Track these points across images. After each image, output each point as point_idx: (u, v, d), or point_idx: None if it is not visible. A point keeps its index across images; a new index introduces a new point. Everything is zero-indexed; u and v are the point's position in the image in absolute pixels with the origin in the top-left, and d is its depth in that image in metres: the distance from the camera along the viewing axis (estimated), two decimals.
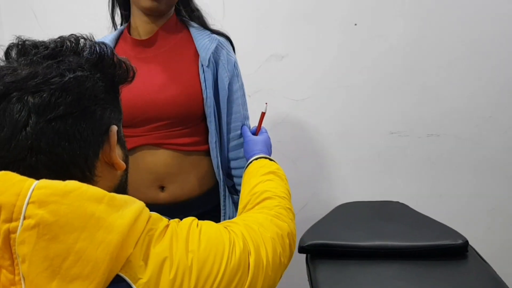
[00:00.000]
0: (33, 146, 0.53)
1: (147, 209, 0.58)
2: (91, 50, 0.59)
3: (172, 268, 0.53)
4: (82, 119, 0.56)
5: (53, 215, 0.47)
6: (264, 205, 0.83)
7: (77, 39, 0.60)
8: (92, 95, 0.57)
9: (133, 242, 0.52)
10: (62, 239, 0.46)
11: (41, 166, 0.53)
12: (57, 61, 0.56)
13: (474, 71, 1.75)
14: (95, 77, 0.58)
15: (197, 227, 0.61)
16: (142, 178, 1.15)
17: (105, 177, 0.61)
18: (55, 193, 0.48)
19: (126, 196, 0.55)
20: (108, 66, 0.61)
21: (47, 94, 0.53)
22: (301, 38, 1.77)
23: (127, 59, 0.65)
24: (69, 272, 0.46)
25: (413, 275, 1.10)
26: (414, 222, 1.33)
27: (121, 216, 0.51)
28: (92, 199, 0.50)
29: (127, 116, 1.10)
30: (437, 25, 1.73)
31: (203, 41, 1.14)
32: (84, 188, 0.50)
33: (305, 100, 1.82)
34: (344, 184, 1.88)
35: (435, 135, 1.82)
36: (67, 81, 0.54)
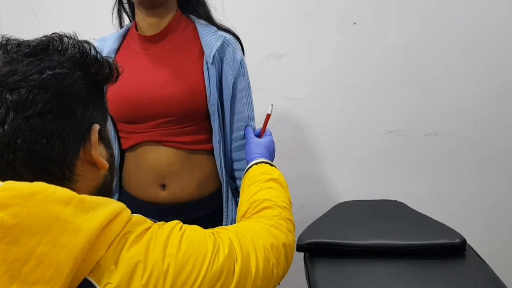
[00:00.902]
0: (10, 143, 0.52)
1: (128, 211, 0.56)
2: (74, 49, 0.59)
3: (145, 272, 0.51)
4: (61, 116, 0.55)
5: (14, 218, 0.45)
6: (263, 214, 0.80)
7: (60, 38, 0.59)
8: (72, 92, 0.57)
9: (105, 245, 0.50)
10: (23, 242, 0.45)
11: (19, 163, 0.53)
12: (38, 59, 0.56)
13: (473, 70, 1.75)
14: (75, 75, 0.58)
15: (179, 231, 0.59)
16: (144, 175, 1.14)
17: (87, 176, 0.59)
18: (18, 195, 0.47)
19: (101, 197, 0.53)
20: (91, 64, 0.60)
21: (25, 91, 0.53)
22: (300, 37, 1.77)
23: (112, 58, 0.65)
24: (30, 276, 0.45)
25: (411, 274, 1.11)
26: (412, 221, 1.33)
27: (90, 219, 0.49)
28: (58, 202, 0.48)
29: (130, 112, 1.11)
30: (436, 24, 1.73)
31: (208, 38, 1.12)
32: (51, 190, 0.49)
33: (304, 99, 1.82)
34: (343, 183, 1.88)
35: (434, 134, 1.82)
36: (46, 78, 0.54)
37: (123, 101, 1.10)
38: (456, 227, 1.26)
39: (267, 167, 1.00)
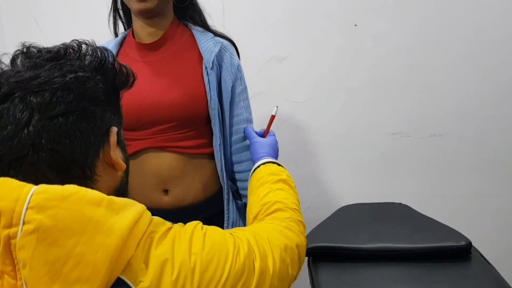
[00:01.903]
0: (34, 143, 0.54)
1: (148, 212, 0.58)
2: (93, 55, 0.62)
3: (174, 270, 0.53)
4: (83, 118, 0.57)
5: (52, 220, 0.47)
6: (275, 216, 0.81)
7: (79, 45, 0.62)
8: (92, 95, 0.59)
9: (134, 245, 0.52)
10: (61, 243, 0.47)
11: (43, 163, 0.55)
12: (60, 64, 0.58)
13: (476, 71, 1.74)
14: (96, 78, 0.60)
15: (201, 230, 0.62)
16: (146, 181, 1.15)
17: (106, 177, 0.61)
18: (53, 198, 0.48)
19: (126, 199, 0.56)
20: (109, 70, 0.63)
21: (49, 93, 0.55)
22: (301, 39, 1.77)
23: (127, 65, 0.67)
24: (70, 276, 0.47)
25: (416, 278, 1.09)
26: (417, 223, 1.32)
27: (120, 219, 0.51)
28: (91, 203, 0.50)
29: (132, 119, 1.12)
30: (438, 25, 1.72)
31: (206, 44, 1.14)
32: (83, 192, 0.51)
33: (306, 101, 1.81)
34: (346, 186, 1.87)
35: (438, 136, 1.80)
36: (69, 81, 0.56)
37: (125, 109, 1.08)
38: (461, 229, 1.25)
39: (275, 168, 1.00)
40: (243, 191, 1.22)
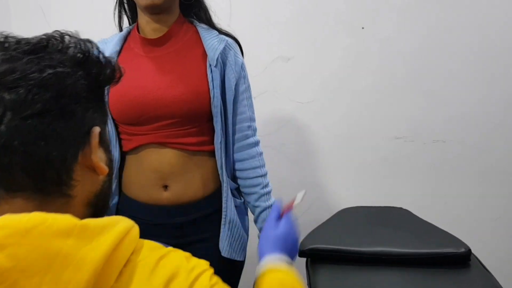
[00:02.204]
0: (6, 145, 0.49)
1: (137, 229, 0.53)
2: (76, 47, 0.56)
3: None
4: (61, 117, 0.52)
5: (11, 260, 0.42)
6: None
7: (61, 36, 0.56)
8: (73, 93, 0.54)
9: (115, 273, 0.47)
10: (22, 285, 0.42)
11: (15, 167, 0.49)
12: (38, 57, 0.52)
13: (482, 77, 1.74)
14: (77, 74, 0.54)
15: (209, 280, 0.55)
16: (146, 176, 1.15)
17: (85, 182, 0.56)
18: (14, 233, 0.43)
19: (108, 219, 0.51)
20: (93, 64, 0.57)
21: (24, 90, 0.49)
22: (308, 40, 1.77)
23: (114, 59, 0.62)
24: None
25: (414, 283, 1.09)
26: (417, 229, 1.31)
27: (95, 248, 0.46)
28: (58, 234, 0.45)
29: (134, 114, 1.12)
30: (444, 30, 1.72)
31: (211, 41, 1.14)
32: (49, 222, 0.45)
33: (310, 102, 1.81)
34: (347, 188, 1.86)
35: (441, 141, 1.80)
36: (46, 77, 0.51)
37: (127, 103, 1.11)
38: (461, 236, 1.24)
39: (283, 277, 0.77)
40: (243, 189, 1.22)
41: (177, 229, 1.17)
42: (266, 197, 1.21)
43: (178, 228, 1.17)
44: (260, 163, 1.21)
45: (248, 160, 1.20)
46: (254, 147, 1.21)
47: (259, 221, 1.22)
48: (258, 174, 1.20)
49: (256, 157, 1.21)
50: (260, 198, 1.20)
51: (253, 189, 1.20)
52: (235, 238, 1.19)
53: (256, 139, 1.22)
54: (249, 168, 1.20)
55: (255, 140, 1.22)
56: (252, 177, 1.20)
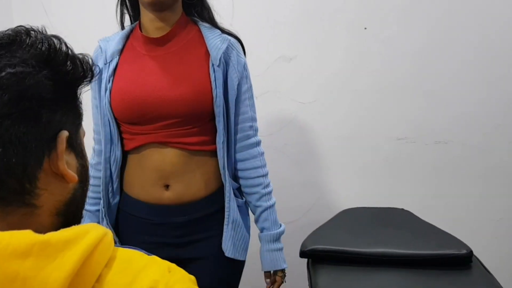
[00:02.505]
0: None
1: (110, 237, 0.49)
2: (42, 44, 0.51)
3: None
4: (22, 122, 0.47)
5: None
6: None
7: (27, 31, 0.51)
8: (35, 94, 0.48)
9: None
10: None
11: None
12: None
13: (484, 78, 1.73)
14: (40, 74, 0.49)
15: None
16: (148, 176, 1.15)
17: (52, 190, 0.51)
18: None
19: (75, 230, 0.46)
20: (61, 63, 0.52)
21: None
22: (310, 40, 1.76)
23: (88, 55, 0.56)
24: None
25: (414, 284, 1.09)
26: (418, 230, 1.31)
27: (58, 266, 0.41)
28: (15, 255, 0.40)
29: (137, 113, 1.12)
30: (446, 31, 1.71)
31: (214, 41, 1.14)
32: (4, 243, 0.41)
33: (312, 103, 1.81)
34: (349, 189, 1.86)
35: (443, 142, 1.80)
36: (4, 77, 0.46)
37: (130, 102, 1.11)
38: (463, 237, 1.24)
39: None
40: (244, 188, 1.22)
41: (179, 229, 1.17)
42: (267, 197, 1.21)
43: (179, 227, 1.17)
44: (261, 163, 1.21)
45: (250, 160, 1.20)
46: (256, 147, 1.21)
47: (260, 220, 1.22)
48: (260, 174, 1.20)
49: (258, 157, 1.21)
50: (262, 198, 1.20)
51: (255, 188, 1.20)
52: (239, 238, 1.19)
53: (258, 139, 1.22)
54: (250, 168, 1.20)
55: (257, 140, 1.22)
56: (253, 177, 1.20)
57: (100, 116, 1.16)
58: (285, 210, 1.77)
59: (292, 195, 1.87)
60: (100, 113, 1.16)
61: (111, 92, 1.13)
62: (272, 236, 1.21)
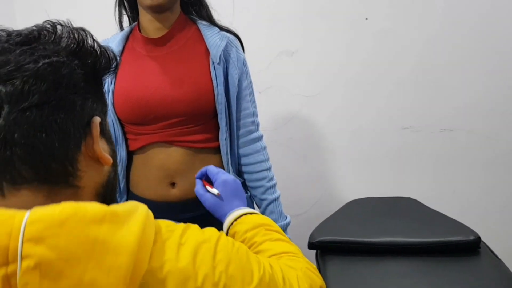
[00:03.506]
0: (6, 138, 0.48)
1: (150, 212, 0.54)
2: (69, 37, 0.55)
3: (196, 283, 0.50)
4: (60, 108, 0.51)
5: (54, 251, 0.42)
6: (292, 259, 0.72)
7: (53, 26, 0.55)
8: (70, 83, 0.52)
9: (146, 258, 0.48)
10: (68, 273, 0.43)
11: (17, 160, 0.49)
12: (31, 48, 0.51)
13: (489, 66, 1.73)
14: (72, 63, 0.53)
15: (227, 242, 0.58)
16: (154, 175, 1.16)
17: (91, 173, 0.55)
18: (50, 225, 0.44)
19: (128, 203, 0.52)
20: (88, 54, 0.56)
21: (19, 81, 0.49)
22: (311, 34, 1.77)
23: (109, 47, 0.60)
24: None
25: (423, 272, 1.09)
26: (426, 218, 1.32)
27: (127, 233, 0.47)
28: (93, 221, 0.45)
29: (140, 114, 1.13)
30: (450, 20, 1.71)
31: (213, 39, 1.15)
32: (82, 212, 0.45)
33: (315, 96, 1.81)
34: (355, 180, 1.87)
35: (448, 130, 1.79)
36: (41, 67, 0.50)
37: (133, 103, 1.12)
38: (471, 224, 1.24)
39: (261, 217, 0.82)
40: (249, 183, 1.23)
41: None
42: (272, 190, 1.22)
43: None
44: (264, 157, 1.22)
45: (253, 155, 1.21)
46: (258, 142, 1.22)
47: (266, 213, 1.23)
48: (264, 168, 1.21)
49: (261, 151, 1.22)
50: (267, 191, 1.21)
51: (259, 182, 1.21)
52: None
53: (260, 134, 1.23)
54: (254, 162, 1.21)
55: (259, 134, 1.23)
56: (257, 171, 1.21)
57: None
58: (293, 203, 1.78)
59: (299, 188, 1.88)
60: None
61: (114, 94, 1.14)
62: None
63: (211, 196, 0.86)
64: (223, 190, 0.86)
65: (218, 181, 0.87)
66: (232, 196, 0.86)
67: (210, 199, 0.86)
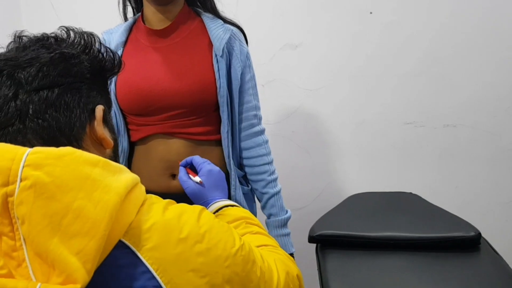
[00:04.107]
0: (21, 113, 0.56)
1: (142, 186, 0.58)
2: (80, 40, 0.65)
3: (181, 234, 0.54)
4: (69, 91, 0.60)
5: (49, 176, 0.48)
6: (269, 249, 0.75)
7: (67, 30, 0.65)
8: (78, 72, 0.62)
9: (134, 210, 0.53)
10: (59, 197, 0.47)
11: (29, 131, 0.57)
12: (48, 44, 0.62)
13: (493, 62, 1.72)
14: (81, 56, 0.63)
15: (209, 213, 0.62)
16: (155, 166, 1.16)
17: (94, 152, 0.61)
18: (49, 157, 0.49)
19: (122, 165, 0.57)
20: (95, 53, 0.66)
21: (35, 68, 0.58)
22: (315, 27, 1.76)
23: (116, 52, 0.69)
24: (69, 229, 0.47)
25: (423, 267, 1.10)
26: (427, 213, 1.32)
27: (117, 180, 0.52)
28: (87, 163, 0.51)
29: (142, 105, 1.13)
30: (455, 13, 1.70)
31: (217, 31, 1.15)
32: (78, 153, 0.51)
33: (319, 89, 1.81)
34: (358, 175, 1.87)
35: (452, 126, 1.79)
36: (54, 56, 0.60)
37: (135, 94, 1.12)
38: (472, 220, 1.25)
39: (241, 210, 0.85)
40: (250, 176, 1.24)
41: None
42: (274, 183, 1.22)
43: None
44: (266, 151, 1.22)
45: (255, 148, 1.21)
46: (260, 135, 1.22)
47: (267, 207, 1.23)
48: (265, 161, 1.21)
49: (263, 145, 1.22)
50: (268, 184, 1.21)
51: (261, 176, 1.21)
52: None
53: (262, 127, 1.23)
54: (256, 156, 1.21)
55: (261, 128, 1.23)
56: (259, 165, 1.21)
57: None
58: (294, 197, 1.79)
59: (301, 182, 1.88)
60: None
61: (116, 85, 1.14)
62: (279, 221, 1.22)
63: (193, 183, 0.90)
64: (207, 179, 0.90)
65: (204, 170, 0.91)
66: (215, 186, 0.90)
67: (192, 186, 0.90)
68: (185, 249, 0.53)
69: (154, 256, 0.51)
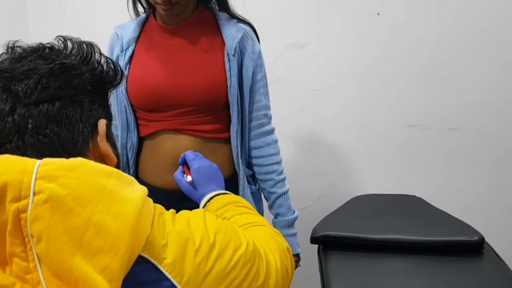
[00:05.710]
0: (20, 129, 0.52)
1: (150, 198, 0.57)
2: (78, 51, 0.61)
3: (195, 244, 0.52)
4: (70, 104, 0.56)
5: (65, 188, 0.44)
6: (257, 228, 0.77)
7: (64, 40, 0.61)
8: (79, 84, 0.58)
9: (148, 223, 0.50)
10: (78, 211, 0.44)
11: (30, 148, 0.52)
12: (46, 53, 0.58)
13: (499, 65, 1.71)
14: (82, 67, 0.59)
15: (211, 215, 0.62)
16: (162, 162, 1.17)
17: None
18: (62, 168, 0.46)
19: (132, 177, 0.54)
20: (95, 62, 0.62)
21: (33, 80, 0.54)
22: (321, 27, 1.75)
23: (116, 62, 0.66)
24: (91, 245, 0.43)
25: (425, 270, 1.09)
26: (430, 216, 1.31)
27: (131, 192, 0.49)
28: (101, 173, 0.48)
29: (152, 101, 1.14)
30: (462, 16, 1.69)
31: (229, 30, 1.14)
32: (91, 164, 0.48)
33: (323, 90, 1.80)
34: (361, 176, 1.86)
35: (456, 129, 1.78)
36: (54, 67, 0.56)
37: (146, 90, 1.13)
38: (476, 224, 1.24)
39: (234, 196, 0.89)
40: (259, 175, 1.23)
41: None
42: (282, 183, 1.22)
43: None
44: (275, 151, 1.22)
45: (264, 148, 1.21)
46: (270, 135, 1.22)
47: (274, 207, 1.23)
48: (274, 161, 1.21)
49: (272, 145, 1.21)
50: (276, 184, 1.21)
51: (269, 175, 1.21)
52: None
53: (272, 127, 1.23)
54: (265, 155, 1.21)
55: (271, 128, 1.22)
56: (268, 164, 1.21)
57: (116, 102, 1.18)
58: (297, 196, 1.77)
59: (304, 181, 1.88)
60: (116, 99, 1.18)
61: (128, 80, 1.14)
62: (286, 221, 1.22)
63: (186, 182, 0.92)
64: (197, 176, 0.91)
65: (193, 168, 0.93)
66: (207, 181, 0.91)
67: (186, 185, 0.92)
68: (203, 257, 0.52)
69: (176, 269, 0.49)
